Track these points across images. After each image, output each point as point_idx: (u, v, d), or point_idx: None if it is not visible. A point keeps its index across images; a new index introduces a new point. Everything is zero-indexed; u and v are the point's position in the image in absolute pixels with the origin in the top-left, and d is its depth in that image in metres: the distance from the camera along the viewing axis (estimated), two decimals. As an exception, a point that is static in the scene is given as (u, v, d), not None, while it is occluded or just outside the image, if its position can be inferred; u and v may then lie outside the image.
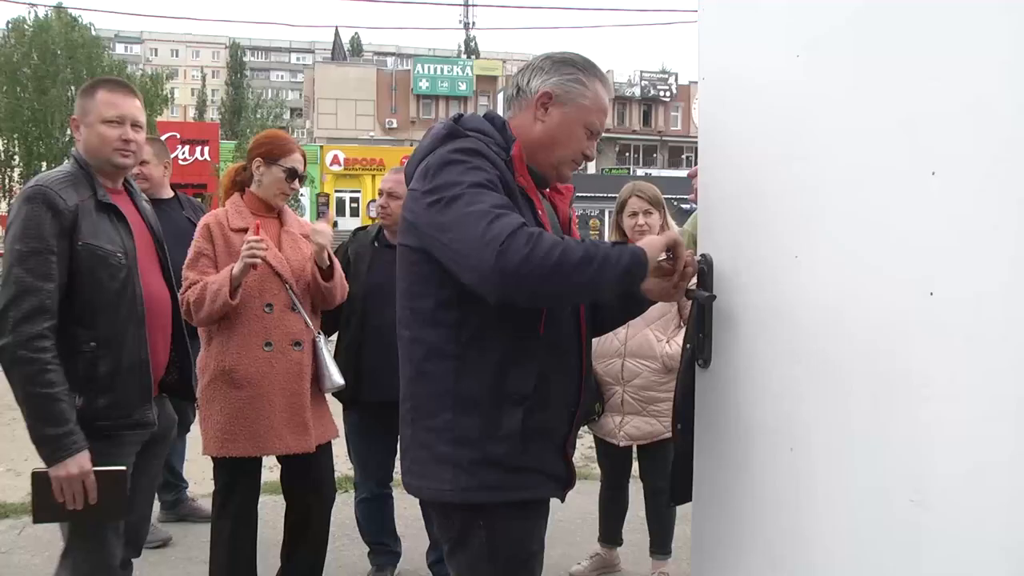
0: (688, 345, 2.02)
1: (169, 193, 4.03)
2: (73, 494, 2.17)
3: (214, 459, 3.00)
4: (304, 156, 3.15)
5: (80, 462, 2.17)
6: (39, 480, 2.20)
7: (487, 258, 1.58)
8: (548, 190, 1.98)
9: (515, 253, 1.57)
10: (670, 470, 2.12)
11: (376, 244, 3.44)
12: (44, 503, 2.21)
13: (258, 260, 2.82)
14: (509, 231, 1.58)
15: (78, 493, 2.18)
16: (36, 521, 2.32)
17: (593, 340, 2.08)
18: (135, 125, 2.40)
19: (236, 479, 3.02)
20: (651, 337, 3.39)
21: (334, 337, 3.48)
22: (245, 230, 2.93)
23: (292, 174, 3.05)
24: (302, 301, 3.01)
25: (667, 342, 3.37)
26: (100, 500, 2.20)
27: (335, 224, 37.81)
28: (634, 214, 3.42)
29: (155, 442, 2.52)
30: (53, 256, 2.18)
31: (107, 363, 2.27)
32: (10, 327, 2.13)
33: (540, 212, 1.85)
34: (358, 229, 3.64)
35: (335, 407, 3.30)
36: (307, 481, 3.10)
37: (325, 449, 3.09)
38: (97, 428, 2.24)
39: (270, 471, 3.32)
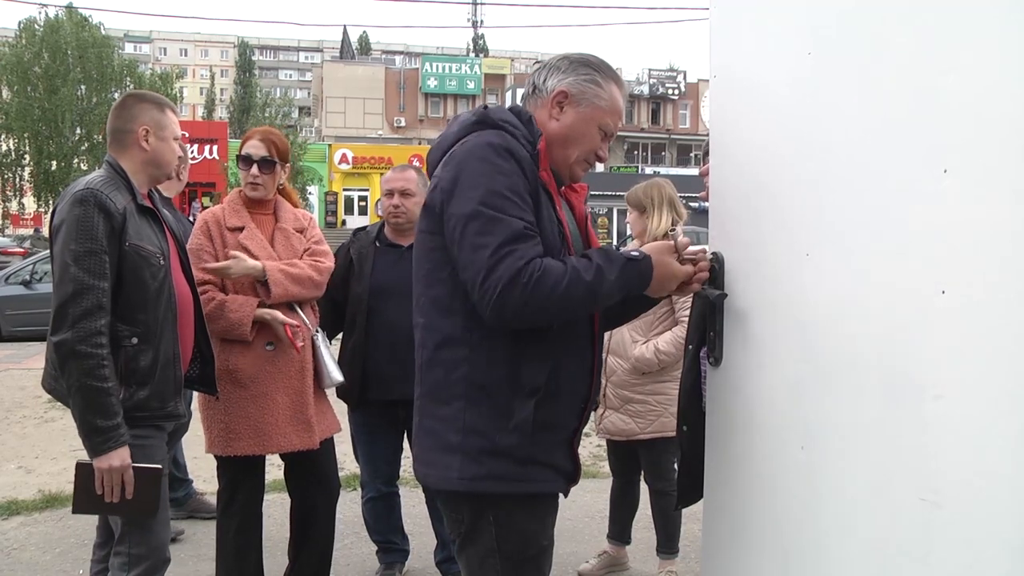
0: (690, 346, 2.02)
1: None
2: (112, 486, 2.29)
3: (218, 458, 3.01)
4: (270, 141, 3.05)
5: (122, 455, 2.28)
6: (83, 471, 2.31)
7: (484, 302, 1.68)
8: (565, 188, 1.99)
9: (511, 303, 1.66)
10: (676, 474, 2.12)
11: (377, 244, 3.43)
12: (85, 494, 2.32)
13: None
14: (508, 278, 1.65)
15: (117, 485, 2.30)
16: (75, 511, 2.44)
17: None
18: None
19: (240, 478, 3.03)
20: (627, 337, 3.43)
21: (339, 337, 3.48)
22: (241, 229, 2.96)
23: (245, 161, 3.03)
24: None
25: (643, 343, 3.39)
26: (135, 496, 2.31)
27: (343, 223, 37.93)
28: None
29: (173, 433, 2.65)
30: (106, 256, 2.30)
31: (147, 357, 2.39)
32: (69, 323, 2.24)
33: (558, 208, 1.85)
34: (358, 229, 3.61)
35: (340, 407, 3.32)
36: (311, 477, 3.11)
37: (328, 444, 3.11)
38: (136, 418, 2.36)
39: (279, 469, 3.33)
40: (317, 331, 3.07)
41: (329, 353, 3.11)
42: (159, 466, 2.41)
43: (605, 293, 1.72)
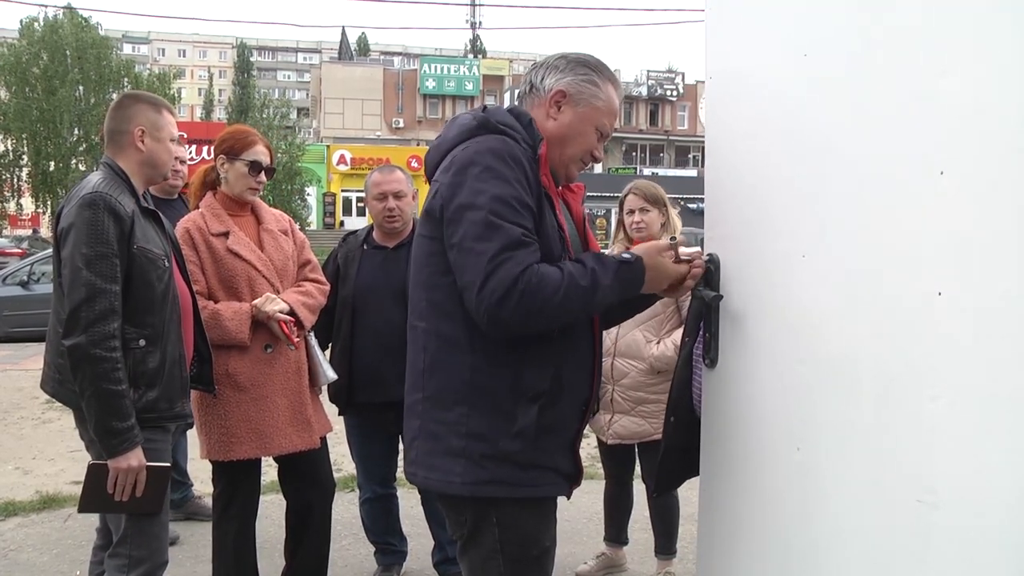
0: (687, 339, 2.02)
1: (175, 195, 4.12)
2: (125, 485, 2.31)
3: (214, 463, 3.00)
4: (269, 149, 3.08)
5: (138, 455, 2.32)
6: (95, 471, 2.33)
7: (481, 310, 1.68)
8: (562, 189, 1.99)
9: (505, 312, 1.66)
10: (658, 460, 2.13)
11: (365, 246, 3.43)
12: (94, 494, 2.34)
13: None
14: (505, 287, 1.65)
15: (130, 484, 2.32)
16: (81, 511, 2.45)
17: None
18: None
19: (240, 482, 3.02)
20: (640, 338, 3.40)
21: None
22: (226, 234, 2.94)
23: (255, 167, 3.01)
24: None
25: (657, 343, 3.38)
26: (144, 493, 2.34)
27: (341, 223, 37.88)
28: (631, 211, 3.47)
29: (176, 433, 2.66)
30: (117, 259, 2.31)
31: (154, 359, 2.40)
32: (83, 327, 2.24)
33: (558, 211, 1.85)
34: (348, 234, 3.63)
35: (334, 408, 3.31)
36: (306, 477, 3.11)
37: (321, 444, 3.11)
38: (145, 420, 2.37)
39: (274, 469, 3.33)
40: (309, 331, 3.07)
41: (321, 352, 3.13)
42: (168, 464, 2.44)
43: (600, 298, 1.74)
